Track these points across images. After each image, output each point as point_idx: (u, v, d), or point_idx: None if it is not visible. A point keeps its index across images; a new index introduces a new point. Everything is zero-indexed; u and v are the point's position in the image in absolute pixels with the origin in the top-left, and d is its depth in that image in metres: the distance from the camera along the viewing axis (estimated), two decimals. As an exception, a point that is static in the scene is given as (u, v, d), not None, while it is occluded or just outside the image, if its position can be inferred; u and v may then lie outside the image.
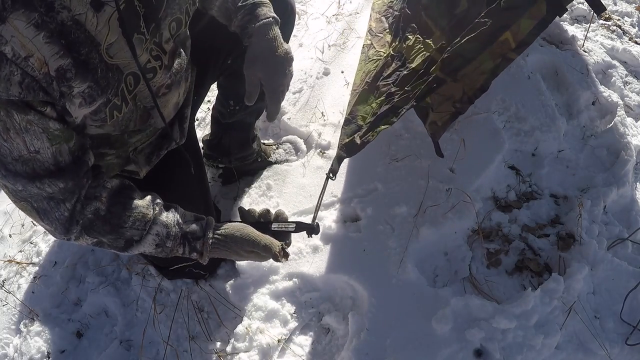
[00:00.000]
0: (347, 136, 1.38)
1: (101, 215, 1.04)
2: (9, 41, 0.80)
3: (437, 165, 1.69)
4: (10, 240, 1.88)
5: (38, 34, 0.82)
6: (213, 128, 1.84)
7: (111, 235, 1.06)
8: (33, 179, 0.94)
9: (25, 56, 0.82)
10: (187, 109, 1.35)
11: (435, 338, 1.37)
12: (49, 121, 0.91)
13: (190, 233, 1.13)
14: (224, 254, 1.16)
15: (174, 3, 1.06)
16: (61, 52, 0.86)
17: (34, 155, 0.92)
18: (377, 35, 1.57)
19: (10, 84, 0.82)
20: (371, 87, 1.44)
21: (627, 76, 2.12)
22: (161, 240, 1.09)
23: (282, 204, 1.70)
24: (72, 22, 0.86)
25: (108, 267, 1.70)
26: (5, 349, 1.60)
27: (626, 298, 1.46)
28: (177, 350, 1.51)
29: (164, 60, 1.11)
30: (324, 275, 1.53)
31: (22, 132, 0.88)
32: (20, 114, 0.87)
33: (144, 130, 1.21)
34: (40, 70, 0.84)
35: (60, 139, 0.95)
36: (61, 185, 0.97)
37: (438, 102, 1.43)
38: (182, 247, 1.12)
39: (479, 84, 1.32)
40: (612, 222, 1.64)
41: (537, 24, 1.21)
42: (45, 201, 0.98)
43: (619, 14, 2.44)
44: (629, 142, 1.79)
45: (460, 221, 1.59)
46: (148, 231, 1.08)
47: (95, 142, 1.13)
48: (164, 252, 1.12)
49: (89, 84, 0.93)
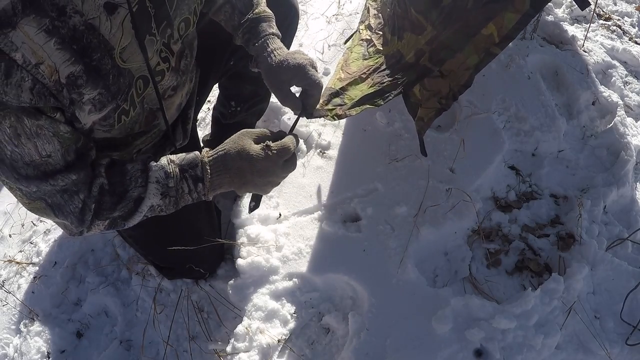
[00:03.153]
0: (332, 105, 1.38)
1: (106, 189, 1.02)
2: (19, 47, 0.79)
3: (437, 165, 1.70)
4: (10, 240, 1.88)
5: (49, 40, 0.81)
6: (213, 128, 1.84)
7: (120, 205, 1.03)
8: (46, 178, 0.93)
9: (36, 63, 0.81)
10: (190, 109, 1.35)
11: (435, 338, 1.37)
12: (59, 125, 0.91)
13: (186, 164, 1.05)
14: (226, 180, 1.06)
15: (183, 3, 1.06)
16: (72, 58, 0.85)
17: (45, 160, 0.91)
18: (376, 33, 1.57)
19: (21, 91, 0.81)
20: (367, 77, 1.46)
21: (627, 76, 2.12)
22: (163, 186, 1.03)
23: (282, 204, 1.70)
24: (84, 27, 0.85)
25: (108, 267, 1.70)
26: (5, 349, 1.60)
27: (626, 298, 1.46)
28: (177, 350, 1.51)
29: (172, 62, 1.10)
30: (324, 275, 1.53)
31: (33, 137, 0.88)
32: (31, 119, 0.86)
33: (149, 132, 1.21)
34: (51, 78, 0.83)
35: (71, 140, 0.94)
36: (74, 177, 0.96)
37: (426, 98, 1.44)
38: (184, 181, 1.04)
39: (463, 79, 1.34)
40: (612, 222, 1.64)
41: (521, 17, 1.21)
42: (59, 195, 0.97)
43: (619, 14, 2.44)
44: (629, 142, 1.79)
45: (460, 221, 1.59)
46: (148, 180, 1.03)
47: (99, 144, 1.12)
48: (171, 200, 1.05)
49: (100, 90, 0.92)
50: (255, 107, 1.70)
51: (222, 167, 1.04)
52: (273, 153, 1.03)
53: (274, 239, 1.61)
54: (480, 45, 1.28)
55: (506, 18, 1.22)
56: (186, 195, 1.06)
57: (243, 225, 1.64)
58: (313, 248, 1.58)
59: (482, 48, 1.28)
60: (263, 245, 1.59)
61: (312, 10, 2.45)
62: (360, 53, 1.54)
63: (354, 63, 1.51)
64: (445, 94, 1.38)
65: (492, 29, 1.25)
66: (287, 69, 1.14)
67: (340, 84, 1.45)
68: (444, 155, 1.72)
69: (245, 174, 1.04)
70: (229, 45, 1.42)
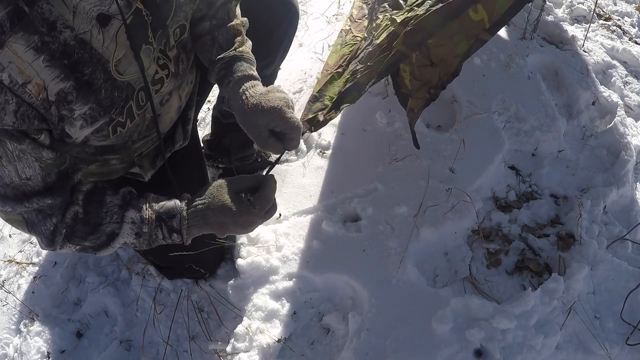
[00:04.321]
0: (312, 113, 1.35)
1: (80, 218, 1.02)
2: (6, 68, 0.78)
3: (437, 165, 1.70)
4: (10, 240, 1.88)
5: (37, 57, 0.80)
6: (213, 128, 1.84)
7: (92, 236, 1.03)
8: (22, 200, 0.93)
9: (23, 82, 0.80)
10: (190, 110, 1.34)
11: (435, 338, 1.37)
12: (42, 150, 0.90)
13: (165, 213, 1.05)
14: (206, 230, 1.07)
15: (180, 10, 1.05)
16: (62, 75, 0.84)
17: (25, 182, 0.91)
18: (356, 22, 1.55)
19: (4, 114, 0.80)
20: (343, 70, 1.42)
21: (627, 76, 2.12)
22: (138, 227, 1.04)
23: (282, 204, 1.70)
24: (75, 42, 0.84)
25: (108, 267, 1.70)
26: (5, 349, 1.60)
27: (626, 298, 1.46)
28: (177, 350, 1.51)
29: (171, 68, 1.09)
30: (324, 275, 1.53)
31: (14, 160, 0.87)
32: (13, 143, 0.85)
33: (148, 136, 1.21)
34: (38, 97, 0.82)
35: (53, 166, 0.94)
36: (49, 201, 0.96)
37: (416, 88, 1.42)
38: (159, 229, 1.05)
39: (452, 68, 1.31)
40: (612, 222, 1.64)
41: (514, 3, 1.19)
42: (34, 213, 0.98)
43: (619, 14, 2.44)
44: (629, 142, 1.79)
45: (460, 221, 1.59)
46: (123, 219, 1.03)
47: (98, 150, 1.12)
48: (145, 240, 1.06)
49: (91, 105, 0.91)
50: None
51: (202, 221, 1.05)
52: (255, 208, 1.03)
53: (274, 239, 1.61)
54: (470, 32, 1.23)
55: (498, 3, 1.20)
56: (160, 240, 1.07)
57: (243, 225, 1.64)
58: (313, 248, 1.58)
59: (471, 35, 1.24)
60: (263, 246, 1.59)
61: (312, 10, 2.45)
62: (338, 44, 1.53)
63: (332, 56, 1.48)
64: (435, 84, 1.35)
65: (482, 14, 1.21)
66: (262, 112, 1.04)
67: (318, 87, 1.41)
68: (444, 155, 1.72)
69: (226, 226, 1.05)
70: None
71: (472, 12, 1.22)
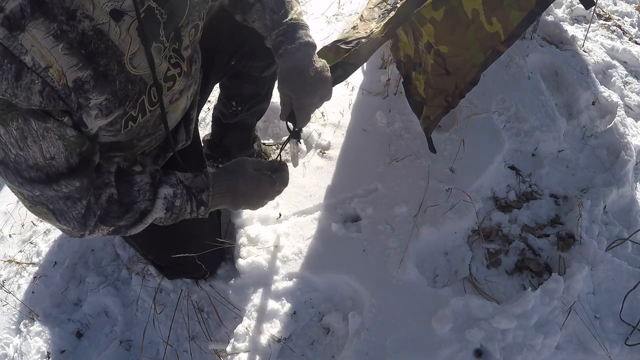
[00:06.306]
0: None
1: (115, 199, 1.05)
2: (29, 50, 0.79)
3: (437, 165, 1.70)
4: (10, 240, 1.88)
5: (57, 44, 0.81)
6: (214, 128, 1.84)
7: (127, 215, 1.08)
8: (49, 182, 0.94)
9: (45, 66, 0.81)
10: (193, 110, 1.35)
11: (435, 338, 1.37)
12: (66, 128, 0.91)
13: (195, 188, 1.15)
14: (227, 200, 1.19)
15: (194, 10, 1.05)
16: (80, 64, 0.85)
17: (49, 162, 0.92)
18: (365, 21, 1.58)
19: (31, 93, 0.81)
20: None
21: (627, 76, 2.12)
22: (169, 202, 1.11)
23: (282, 204, 1.70)
24: (93, 32, 0.85)
25: (108, 267, 1.70)
26: (5, 349, 1.60)
27: (626, 298, 1.46)
28: (177, 350, 1.51)
29: (183, 67, 1.10)
30: (324, 275, 1.53)
31: (39, 139, 0.88)
32: (38, 122, 0.86)
33: (153, 134, 1.21)
34: (60, 82, 0.83)
35: (75, 144, 0.94)
36: (77, 184, 0.97)
37: (431, 96, 1.43)
38: (189, 203, 1.14)
39: (470, 77, 1.33)
40: (612, 222, 1.64)
41: (527, 15, 1.21)
42: (61, 201, 0.98)
43: (619, 14, 2.44)
44: (629, 142, 1.79)
45: (460, 221, 1.59)
46: (156, 196, 1.10)
47: (104, 147, 1.12)
48: (172, 215, 1.14)
49: (107, 96, 0.92)
50: (256, 107, 1.70)
51: (225, 189, 1.17)
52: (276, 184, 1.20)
53: (274, 239, 1.61)
54: (486, 44, 1.28)
55: (512, 16, 1.22)
56: (186, 214, 1.16)
57: (243, 226, 1.65)
58: (313, 248, 1.58)
59: (488, 46, 1.28)
60: (263, 246, 1.59)
61: (312, 10, 2.45)
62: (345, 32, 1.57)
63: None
64: (452, 92, 1.38)
65: (497, 27, 1.24)
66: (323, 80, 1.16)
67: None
68: (444, 155, 1.72)
69: (246, 196, 1.19)
70: (230, 45, 1.42)
71: (486, 24, 1.25)
